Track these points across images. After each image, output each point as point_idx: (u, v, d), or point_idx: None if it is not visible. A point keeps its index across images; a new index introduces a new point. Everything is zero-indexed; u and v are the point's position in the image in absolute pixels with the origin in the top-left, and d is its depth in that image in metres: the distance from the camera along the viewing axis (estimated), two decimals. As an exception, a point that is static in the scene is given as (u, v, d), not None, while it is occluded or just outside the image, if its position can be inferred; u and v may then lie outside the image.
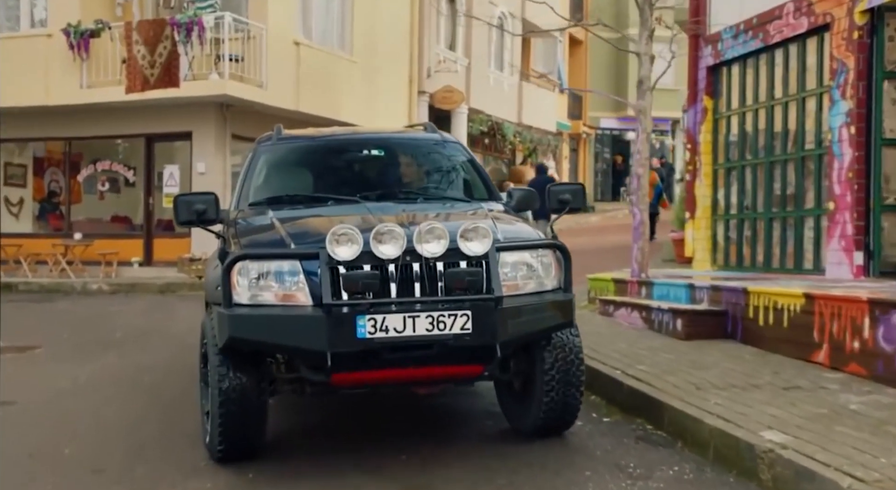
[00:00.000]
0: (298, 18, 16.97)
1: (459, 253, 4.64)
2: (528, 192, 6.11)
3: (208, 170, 16.17)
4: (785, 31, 10.39)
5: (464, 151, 6.54)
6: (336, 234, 4.54)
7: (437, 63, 20.74)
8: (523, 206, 5.96)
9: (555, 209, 5.32)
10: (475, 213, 5.45)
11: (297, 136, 6.65)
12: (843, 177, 9.35)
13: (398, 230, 4.58)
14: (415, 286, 4.59)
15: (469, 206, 5.75)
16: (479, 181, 6.26)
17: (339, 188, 6.07)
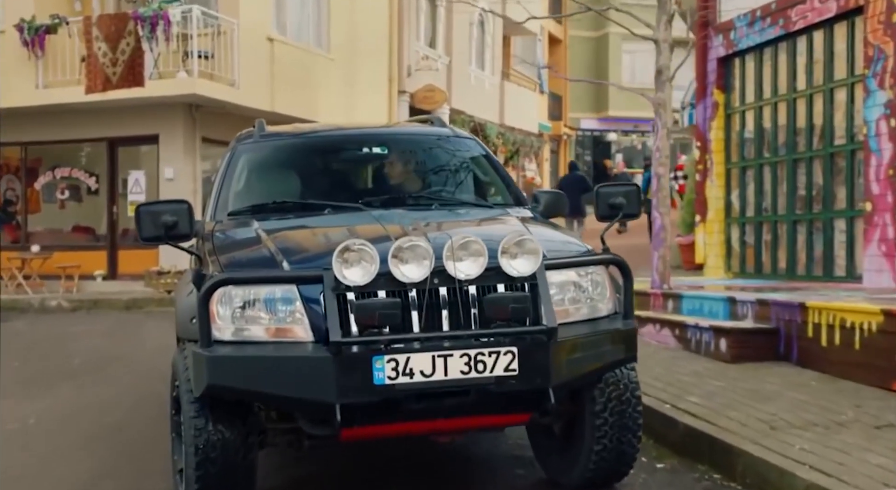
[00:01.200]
0: (272, 13, 15.94)
1: (501, 273, 3.67)
2: (556, 195, 5.16)
3: (177, 175, 15.09)
4: (810, 16, 9.52)
5: (479, 148, 5.56)
6: (346, 250, 3.54)
7: (419, 60, 19.75)
8: (552, 210, 5.02)
9: (605, 215, 4.33)
10: (503, 221, 4.48)
11: (283, 132, 5.63)
12: (883, 174, 8.48)
13: (424, 245, 3.59)
14: (444, 316, 3.61)
15: (493, 212, 4.78)
16: (501, 182, 5.28)
17: (336, 193, 5.09)
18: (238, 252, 4.16)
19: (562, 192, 5.37)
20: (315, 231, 4.34)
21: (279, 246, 3.96)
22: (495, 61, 24.62)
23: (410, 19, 19.56)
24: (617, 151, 33.85)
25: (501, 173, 5.38)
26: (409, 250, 3.59)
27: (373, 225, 4.18)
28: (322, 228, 4.37)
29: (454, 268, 3.60)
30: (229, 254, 4.07)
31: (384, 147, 5.38)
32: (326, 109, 16.44)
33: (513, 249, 3.68)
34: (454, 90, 20.99)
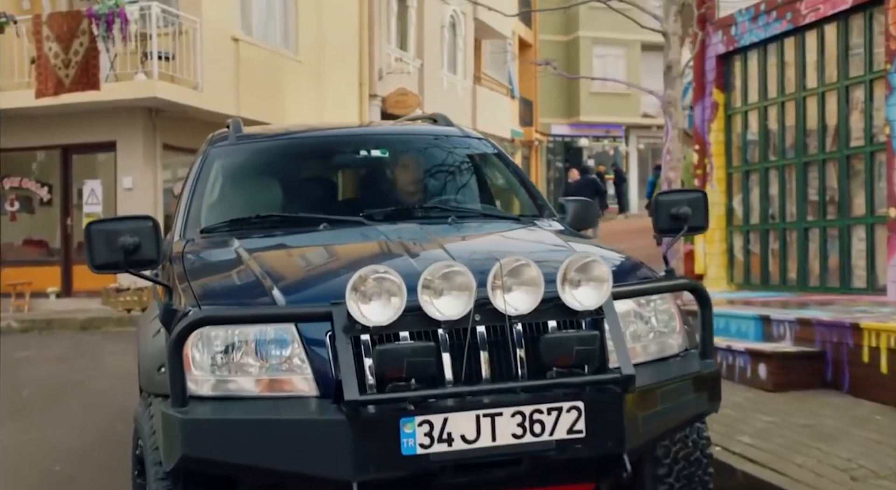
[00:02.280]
0: (237, 11, 15.05)
1: (561, 307, 2.88)
2: (585, 204, 4.38)
3: (136, 185, 14.12)
4: (822, 8, 8.87)
5: (494, 149, 4.77)
6: (363, 280, 2.73)
7: (391, 63, 18.94)
8: (582, 221, 4.26)
9: (666, 229, 3.54)
10: (542, 237, 3.71)
11: (264, 132, 4.80)
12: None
13: (464, 272, 2.78)
14: (489, 363, 2.83)
15: (522, 225, 3.99)
16: (522, 189, 4.50)
17: (330, 204, 4.30)
18: (216, 280, 3.32)
19: (590, 200, 4.61)
20: (313, 252, 3.52)
21: (269, 271, 3.14)
22: (467, 65, 23.89)
23: (381, 21, 18.75)
24: (589, 157, 33.28)
25: (522, 178, 4.60)
26: (445, 279, 2.78)
27: (385, 243, 3.37)
28: (321, 248, 3.56)
29: (503, 300, 2.80)
30: (205, 282, 3.23)
31: (384, 149, 4.56)
32: (294, 114, 15.58)
33: (575, 276, 2.89)
34: (426, 94, 20.21)
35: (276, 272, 3.17)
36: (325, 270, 3.20)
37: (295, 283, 3.10)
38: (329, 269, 3.19)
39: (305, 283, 3.11)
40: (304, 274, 3.23)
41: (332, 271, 3.17)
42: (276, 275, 3.13)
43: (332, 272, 3.16)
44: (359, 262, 3.21)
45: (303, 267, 3.32)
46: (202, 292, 3.06)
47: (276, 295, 2.95)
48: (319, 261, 3.36)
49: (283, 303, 2.92)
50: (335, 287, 2.88)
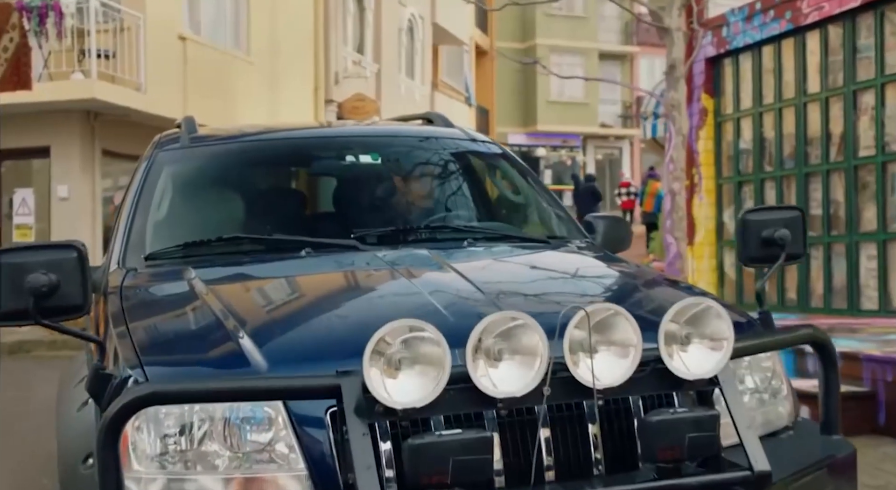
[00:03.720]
0: (184, 8, 14.02)
1: (664, 375, 2.03)
2: (616, 221, 3.54)
3: (72, 194, 13.01)
4: (827, 7, 8.21)
5: (507, 157, 3.91)
6: (389, 339, 1.87)
7: (349, 66, 18.04)
8: (615, 243, 3.42)
9: (757, 257, 2.72)
10: (591, 268, 2.87)
11: (225, 133, 3.86)
12: (930, 191, 7.19)
13: (533, 328, 1.92)
14: (567, 457, 1.99)
15: (555, 251, 3.14)
16: (543, 204, 3.64)
17: (312, 223, 3.43)
18: (167, 328, 2.41)
19: (622, 217, 3.79)
20: (299, 290, 2.64)
21: (240, 317, 2.26)
22: (425, 71, 23.07)
23: (337, 23, 17.83)
24: (546, 167, 32.67)
25: (541, 190, 3.74)
26: (505, 337, 1.93)
27: (394, 278, 2.51)
28: (309, 284, 2.67)
29: (587, 367, 1.95)
30: (152, 332, 2.32)
31: (376, 154, 3.67)
32: (246, 119, 14.58)
33: (683, 330, 2.05)
34: (384, 100, 19.33)
35: (250, 319, 2.29)
36: (323, 319, 2.31)
37: (280, 338, 2.22)
38: (328, 318, 2.31)
39: (296, 339, 2.22)
40: (291, 323, 2.34)
41: (331, 321, 2.28)
42: (251, 323, 2.25)
43: (332, 322, 2.28)
44: (367, 306, 2.34)
45: (289, 312, 2.43)
46: (147, 347, 2.16)
47: (252, 354, 2.07)
48: (311, 304, 2.47)
49: (263, 367, 2.03)
50: (341, 346, 2.03)
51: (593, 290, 2.51)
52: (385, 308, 2.24)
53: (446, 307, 2.15)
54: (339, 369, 1.91)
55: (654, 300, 2.27)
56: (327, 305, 2.41)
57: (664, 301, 2.23)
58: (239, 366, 2.05)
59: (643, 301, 2.21)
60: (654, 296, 2.35)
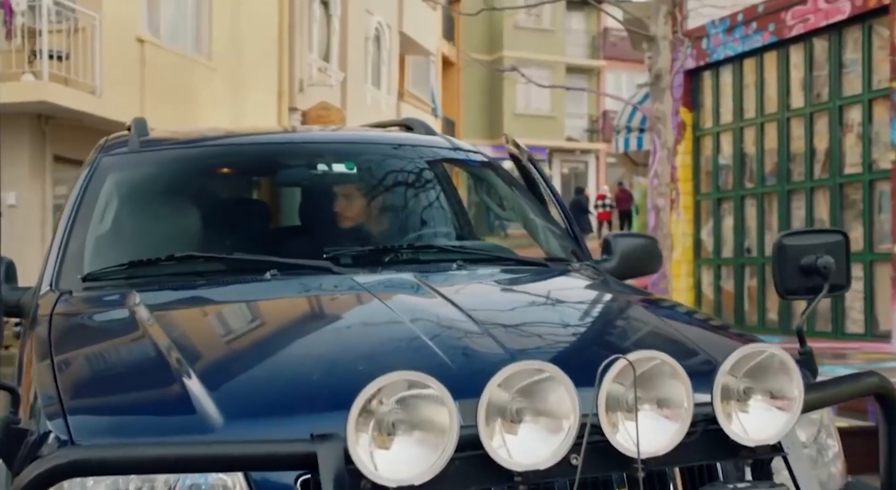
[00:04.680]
0: (143, 9, 13.50)
1: (717, 440, 1.64)
2: (644, 242, 3.09)
3: (21, 202, 12.44)
4: (812, 19, 7.96)
5: (496, 168, 3.50)
6: (379, 397, 1.46)
7: (314, 74, 17.59)
8: (638, 265, 2.96)
9: (795, 289, 2.35)
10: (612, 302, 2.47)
11: (180, 137, 3.42)
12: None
13: (561, 382, 1.52)
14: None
15: (562, 278, 2.73)
16: (540, 221, 3.22)
17: (278, 240, 2.98)
18: (100, 368, 1.98)
19: (653, 238, 3.32)
20: (265, 325, 2.21)
21: (192, 358, 1.84)
22: (391, 80, 22.68)
23: (303, 29, 17.39)
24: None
25: (534, 204, 3.32)
26: (527, 395, 1.53)
27: (379, 309, 2.10)
28: (278, 318, 2.25)
29: (625, 431, 1.56)
30: (81, 373, 1.90)
31: (351, 163, 3.25)
32: (207, 125, 14.09)
33: (743, 384, 1.66)
34: (349, 109, 18.91)
35: (204, 358, 1.89)
36: (294, 362, 1.89)
37: (240, 385, 1.79)
38: (300, 361, 1.88)
39: (260, 387, 1.80)
40: (255, 366, 1.91)
41: (305, 365, 1.86)
42: (205, 364, 1.84)
43: (305, 367, 1.85)
44: (348, 348, 1.92)
45: (252, 351, 2.00)
46: (73, 393, 1.73)
47: (205, 405, 1.65)
48: (279, 341, 2.04)
49: (218, 422, 1.62)
50: (317, 399, 1.64)
51: (619, 330, 2.09)
52: (371, 352, 1.83)
53: (448, 352, 1.74)
54: (316, 432, 1.50)
55: (698, 344, 1.88)
56: (299, 344, 1.99)
57: (710, 346, 1.85)
58: (189, 421, 1.63)
59: (685, 346, 1.83)
60: (696, 338, 1.95)
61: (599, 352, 1.66)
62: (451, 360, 1.70)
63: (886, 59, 7.30)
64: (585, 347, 1.83)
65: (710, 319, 2.33)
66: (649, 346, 1.73)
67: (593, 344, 1.87)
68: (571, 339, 1.92)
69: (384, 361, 1.72)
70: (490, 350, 1.76)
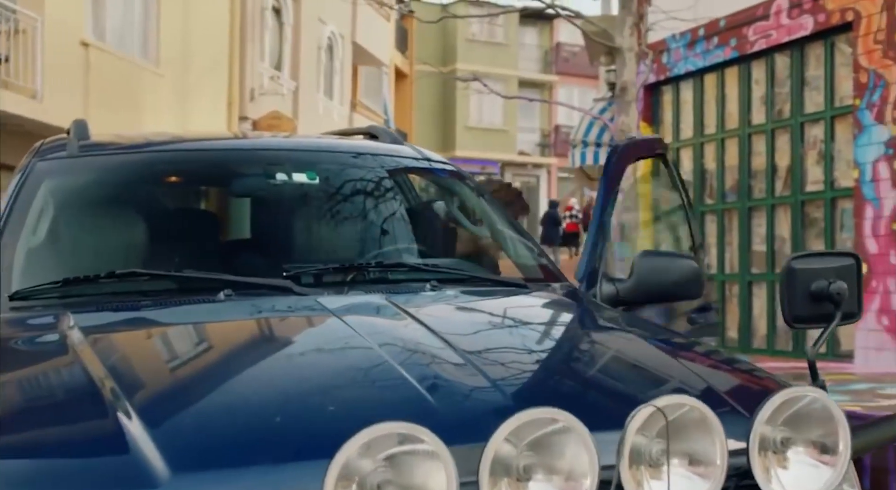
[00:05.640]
0: (87, 12, 13.05)
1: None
2: (678, 262, 2.59)
3: (-44, 210, 11.82)
4: (775, 35, 7.89)
5: (467, 181, 3.26)
6: (364, 454, 1.20)
7: (265, 82, 17.24)
8: (663, 289, 2.55)
9: (805, 317, 2.15)
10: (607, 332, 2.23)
11: (124, 142, 3.12)
12: (884, 229, 6.85)
13: (578, 433, 1.29)
14: None
15: (544, 301, 2.50)
16: (515, 238, 2.98)
17: (233, 256, 2.71)
18: (22, 402, 1.68)
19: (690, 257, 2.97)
20: (219, 351, 1.95)
21: (131, 389, 1.59)
22: (344, 91, 22.38)
23: (254, 36, 17.03)
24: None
25: (506, 220, 3.09)
26: (537, 448, 1.29)
27: (351, 339, 1.84)
28: (233, 342, 1.99)
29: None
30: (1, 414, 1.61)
31: (312, 173, 2.99)
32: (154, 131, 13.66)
33: (779, 433, 1.44)
34: (301, 119, 18.57)
35: (146, 394, 1.64)
36: (254, 402, 1.61)
37: (190, 428, 1.52)
38: (261, 400, 1.61)
39: (214, 431, 1.52)
40: (208, 405, 1.64)
41: (267, 405, 1.59)
42: (147, 400, 1.59)
43: (268, 408, 1.58)
44: (319, 386, 1.65)
45: (204, 387, 1.72)
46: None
47: (146, 452, 1.39)
48: (236, 375, 1.77)
49: (163, 476, 1.36)
50: (285, 449, 1.38)
51: (627, 368, 1.83)
52: (345, 391, 1.57)
53: (437, 395, 1.48)
54: None
55: (723, 386, 1.64)
56: (260, 379, 1.72)
57: (735, 387, 1.63)
58: (126, 473, 1.36)
59: (710, 388, 1.59)
60: (717, 378, 1.72)
61: (614, 396, 1.43)
62: (441, 404, 1.45)
63: (849, 77, 7.24)
64: (596, 389, 1.60)
65: (719, 353, 2.10)
66: (669, 388, 1.50)
67: (602, 385, 1.63)
68: (577, 379, 1.68)
69: (362, 404, 1.47)
70: (487, 392, 1.51)
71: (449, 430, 1.28)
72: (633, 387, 1.61)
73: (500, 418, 1.27)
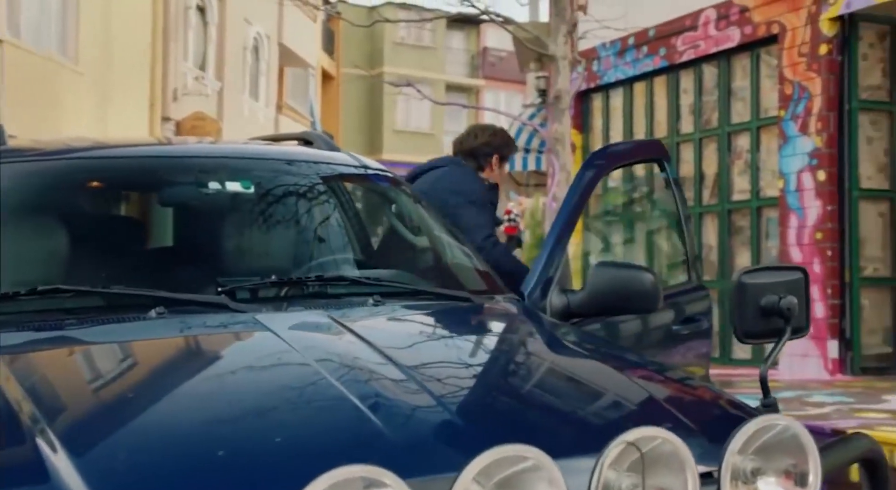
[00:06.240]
0: (2, 7, 12.56)
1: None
2: (632, 274, 2.48)
3: None
4: (703, 45, 8.00)
5: (406, 190, 3.17)
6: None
7: (189, 82, 16.86)
8: (616, 302, 2.44)
9: (756, 333, 2.13)
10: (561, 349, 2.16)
11: (44, 148, 2.93)
12: (808, 238, 6.99)
13: (545, 468, 1.21)
14: None
15: (492, 318, 2.43)
16: (456, 248, 2.90)
17: (162, 270, 2.56)
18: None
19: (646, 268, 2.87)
20: (152, 375, 1.82)
21: (53, 416, 1.48)
22: (270, 92, 22.06)
23: (178, 35, 16.65)
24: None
25: (447, 229, 3.00)
26: (506, 487, 1.21)
27: (296, 362, 1.74)
28: (167, 365, 1.87)
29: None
30: None
31: (247, 182, 2.87)
32: (73, 133, 13.21)
33: (749, 463, 1.39)
34: (226, 121, 18.22)
35: (71, 421, 1.52)
36: (194, 435, 1.50)
37: (120, 461, 1.40)
38: (200, 431, 1.49)
39: (148, 467, 1.40)
40: (141, 436, 1.51)
41: (208, 438, 1.47)
42: (71, 429, 1.47)
43: (207, 440, 1.46)
44: (263, 418, 1.54)
45: (136, 419, 1.60)
46: None
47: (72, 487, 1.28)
48: (174, 406, 1.64)
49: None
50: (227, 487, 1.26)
51: (589, 393, 1.74)
52: (293, 420, 1.47)
53: (396, 428, 1.39)
54: None
55: (690, 412, 1.59)
56: (198, 407, 1.60)
57: (703, 414, 1.58)
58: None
59: (679, 417, 1.53)
60: (688, 407, 1.66)
61: (582, 427, 1.36)
62: (401, 439, 1.36)
63: (774, 88, 7.38)
64: (562, 420, 1.52)
65: (680, 375, 2.06)
66: (639, 418, 1.44)
67: (568, 415, 1.56)
68: (541, 408, 1.60)
69: (313, 438, 1.37)
70: (450, 426, 1.43)
71: (411, 470, 1.19)
72: (600, 417, 1.55)
73: (466, 455, 1.19)
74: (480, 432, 1.37)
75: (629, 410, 1.61)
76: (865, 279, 6.86)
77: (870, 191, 6.91)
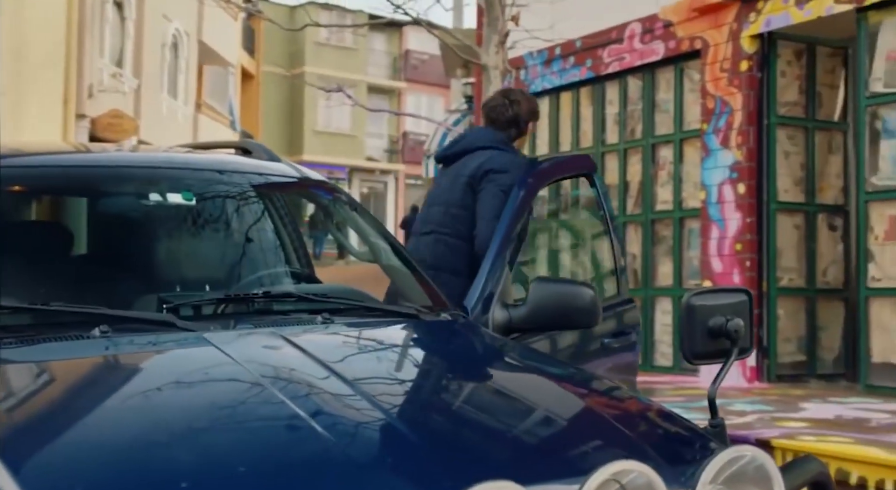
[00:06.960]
0: None
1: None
2: (572, 289, 2.51)
3: None
4: (628, 58, 8.15)
5: (350, 202, 3.14)
6: None
7: (105, 79, 16.40)
8: (556, 318, 2.48)
9: (703, 353, 2.18)
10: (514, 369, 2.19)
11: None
12: (728, 249, 7.19)
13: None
14: None
15: (444, 334, 2.43)
16: (400, 262, 2.88)
17: (107, 288, 2.48)
18: None
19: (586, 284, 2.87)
20: (96, 403, 1.75)
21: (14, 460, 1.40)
22: (189, 90, 21.61)
23: (94, 30, 16.18)
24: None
25: (388, 243, 2.98)
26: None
27: (252, 388, 1.71)
28: (112, 392, 1.81)
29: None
30: None
31: (188, 194, 2.81)
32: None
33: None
34: (144, 119, 17.79)
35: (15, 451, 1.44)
36: (152, 467, 1.44)
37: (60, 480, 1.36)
38: (158, 465, 1.44)
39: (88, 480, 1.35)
40: (90, 471, 1.45)
41: (162, 468, 1.42)
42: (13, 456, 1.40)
43: (164, 471, 1.42)
44: (220, 447, 1.49)
45: (84, 448, 1.53)
46: None
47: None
48: (125, 435, 1.57)
49: None
50: None
51: (556, 421, 1.74)
52: (253, 451, 1.44)
53: (358, 454, 1.37)
54: None
55: (660, 445, 1.60)
56: (150, 436, 1.55)
57: (673, 446, 1.60)
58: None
59: (646, 448, 1.54)
60: (654, 437, 1.67)
61: (556, 461, 1.36)
62: (369, 468, 1.34)
63: (697, 102, 7.56)
64: (536, 453, 1.52)
65: (635, 400, 2.08)
66: (610, 451, 1.45)
67: (540, 447, 1.55)
68: (514, 439, 1.60)
69: (279, 473, 1.34)
70: (413, 453, 1.42)
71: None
72: (572, 449, 1.56)
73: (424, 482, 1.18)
74: (455, 468, 1.37)
75: (597, 441, 1.62)
76: (781, 289, 7.08)
77: (786, 204, 7.14)
